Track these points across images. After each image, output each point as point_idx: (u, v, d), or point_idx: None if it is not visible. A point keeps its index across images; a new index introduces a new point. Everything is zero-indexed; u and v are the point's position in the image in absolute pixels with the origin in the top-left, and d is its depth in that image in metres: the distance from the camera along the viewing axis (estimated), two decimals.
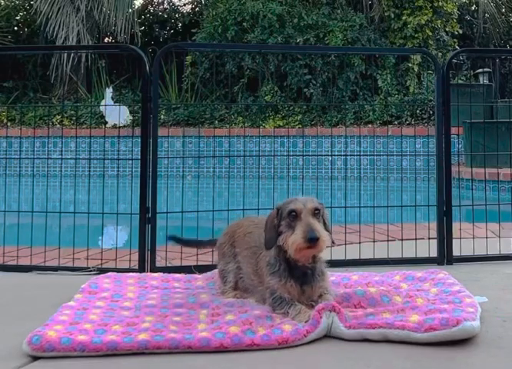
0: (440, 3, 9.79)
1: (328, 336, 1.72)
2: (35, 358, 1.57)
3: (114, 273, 2.38)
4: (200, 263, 2.74)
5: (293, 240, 1.81)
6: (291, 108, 9.37)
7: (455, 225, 2.95)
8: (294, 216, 1.84)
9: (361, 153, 7.40)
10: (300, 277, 1.88)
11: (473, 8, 12.01)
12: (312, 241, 1.80)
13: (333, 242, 1.90)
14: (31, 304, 2.11)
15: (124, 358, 1.57)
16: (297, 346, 1.65)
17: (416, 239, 3.01)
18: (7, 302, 2.17)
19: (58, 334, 1.61)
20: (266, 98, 9.41)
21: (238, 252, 2.11)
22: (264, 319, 1.75)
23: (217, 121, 9.29)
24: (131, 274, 2.39)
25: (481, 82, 9.11)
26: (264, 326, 1.70)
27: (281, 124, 9.07)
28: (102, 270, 2.57)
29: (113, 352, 1.57)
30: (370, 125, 8.61)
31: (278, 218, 1.88)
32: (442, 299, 1.96)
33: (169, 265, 2.80)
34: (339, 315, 1.73)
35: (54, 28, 10.30)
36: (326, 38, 9.51)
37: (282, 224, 1.87)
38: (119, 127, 8.34)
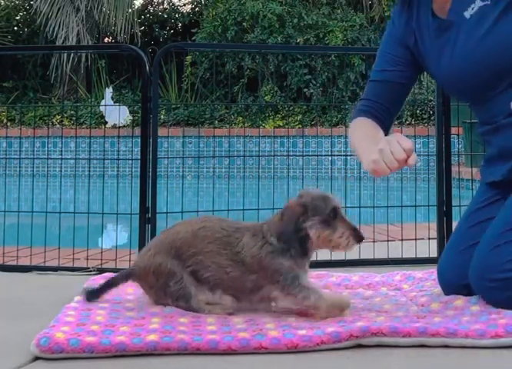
0: None
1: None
2: (36, 357, 1.57)
3: (111, 273, 2.38)
4: None
5: (343, 238, 1.81)
6: (291, 108, 9.37)
7: (455, 225, 2.95)
8: (335, 214, 1.81)
9: None
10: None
11: None
12: (361, 241, 1.84)
13: None
14: (31, 304, 2.12)
15: (127, 359, 1.57)
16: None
17: (416, 239, 3.01)
18: (7, 302, 2.17)
19: (66, 335, 1.60)
20: (266, 98, 9.41)
21: (194, 253, 1.86)
22: (277, 324, 1.72)
23: (217, 121, 9.29)
24: None
25: None
26: (277, 329, 1.67)
27: (281, 124, 9.07)
28: (102, 271, 2.57)
29: (121, 353, 1.57)
30: None
31: (305, 215, 1.81)
32: None
33: None
34: (386, 336, 1.63)
35: (54, 28, 10.30)
36: (326, 38, 9.51)
37: (314, 219, 1.80)
38: (119, 127, 8.34)
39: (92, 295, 1.97)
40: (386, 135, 2.04)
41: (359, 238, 1.83)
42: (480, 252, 1.90)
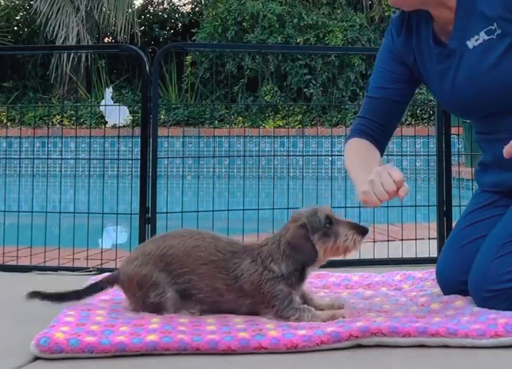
0: None
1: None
2: (36, 357, 1.57)
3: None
4: None
5: (348, 240, 1.78)
6: (291, 107, 9.37)
7: (455, 225, 2.95)
8: (330, 222, 1.80)
9: None
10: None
11: None
12: (366, 233, 1.81)
13: None
14: (31, 304, 2.11)
15: (127, 359, 1.57)
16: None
17: (416, 239, 3.01)
18: (7, 302, 2.18)
19: (66, 335, 1.60)
20: (266, 98, 9.41)
21: (186, 272, 1.83)
22: (277, 326, 1.72)
23: (217, 121, 9.29)
24: None
25: None
26: (276, 329, 1.67)
27: (281, 124, 9.08)
28: (102, 271, 2.57)
29: (121, 353, 1.57)
30: None
31: (310, 233, 1.80)
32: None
33: None
34: (385, 336, 1.63)
35: (54, 28, 10.31)
36: (326, 38, 9.51)
37: (315, 237, 1.79)
38: (119, 127, 8.34)
39: (73, 297, 1.92)
40: (382, 154, 2.07)
41: (363, 231, 1.81)
42: (479, 262, 1.90)
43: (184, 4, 12.72)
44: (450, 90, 2.00)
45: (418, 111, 8.79)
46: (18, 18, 12.17)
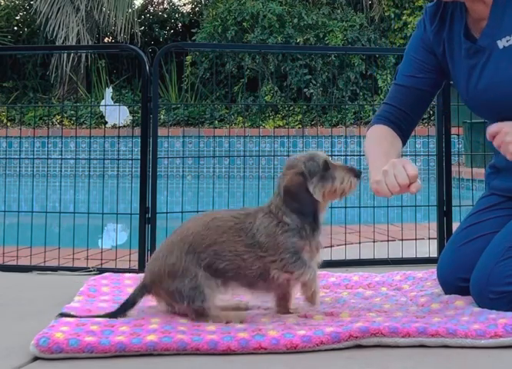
0: None
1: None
2: (36, 357, 1.57)
3: (111, 273, 2.38)
4: None
5: (344, 182, 1.81)
6: (291, 107, 9.37)
7: (455, 225, 2.95)
8: (327, 166, 1.82)
9: (361, 153, 7.39)
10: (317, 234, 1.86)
11: None
12: (360, 175, 1.84)
13: None
14: (31, 304, 2.12)
15: (127, 359, 1.57)
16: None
17: (416, 239, 3.01)
18: (7, 302, 2.18)
19: (66, 335, 1.60)
20: (266, 98, 9.41)
21: (209, 245, 1.82)
22: (276, 324, 1.73)
23: (217, 121, 9.29)
24: (128, 274, 2.38)
25: None
26: (276, 329, 1.67)
27: (281, 124, 9.07)
28: (102, 271, 2.57)
29: (121, 353, 1.57)
30: None
31: (307, 181, 1.81)
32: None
33: None
34: (385, 336, 1.63)
35: (54, 28, 10.30)
36: (326, 38, 9.51)
37: (313, 181, 1.81)
38: (119, 127, 8.34)
39: (115, 314, 1.85)
40: (404, 144, 2.06)
41: (358, 174, 1.84)
42: (482, 264, 1.90)
43: (184, 4, 12.71)
44: (474, 89, 1.98)
45: None
46: (18, 18, 12.16)
